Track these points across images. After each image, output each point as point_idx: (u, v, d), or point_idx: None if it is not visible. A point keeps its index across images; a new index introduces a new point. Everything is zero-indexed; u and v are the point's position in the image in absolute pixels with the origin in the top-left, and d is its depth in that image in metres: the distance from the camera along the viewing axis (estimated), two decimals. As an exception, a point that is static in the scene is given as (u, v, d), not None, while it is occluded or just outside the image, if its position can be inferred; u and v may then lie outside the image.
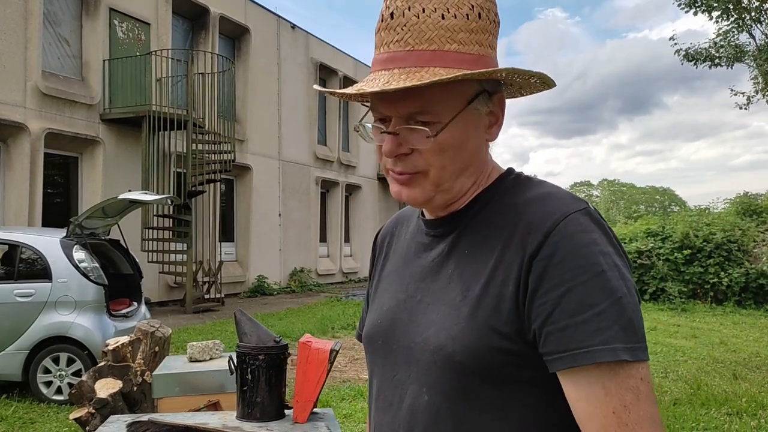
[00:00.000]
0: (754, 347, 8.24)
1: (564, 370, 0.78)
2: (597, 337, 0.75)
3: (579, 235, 0.80)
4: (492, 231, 0.88)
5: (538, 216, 0.83)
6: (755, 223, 14.29)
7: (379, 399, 0.96)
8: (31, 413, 5.46)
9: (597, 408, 0.76)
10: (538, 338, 0.80)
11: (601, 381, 0.76)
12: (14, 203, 10.18)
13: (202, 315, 11.47)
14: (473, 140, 0.89)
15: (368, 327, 1.01)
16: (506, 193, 0.91)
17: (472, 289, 0.85)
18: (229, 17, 15.14)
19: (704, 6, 9.82)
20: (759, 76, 11.17)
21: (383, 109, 0.88)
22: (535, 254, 0.81)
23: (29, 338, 5.89)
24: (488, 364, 0.82)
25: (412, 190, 0.89)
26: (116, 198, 6.75)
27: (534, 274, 0.80)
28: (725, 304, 12.48)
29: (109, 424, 1.68)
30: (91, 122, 11.58)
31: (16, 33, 10.34)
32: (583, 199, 0.86)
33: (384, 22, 0.87)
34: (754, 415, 5.08)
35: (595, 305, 0.77)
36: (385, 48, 0.87)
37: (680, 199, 51.72)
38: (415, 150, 0.87)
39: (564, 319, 0.77)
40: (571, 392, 0.79)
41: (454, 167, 0.88)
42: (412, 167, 0.88)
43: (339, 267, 19.84)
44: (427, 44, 0.84)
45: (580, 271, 0.78)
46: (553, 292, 0.78)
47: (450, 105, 0.85)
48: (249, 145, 15.63)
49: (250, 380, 1.68)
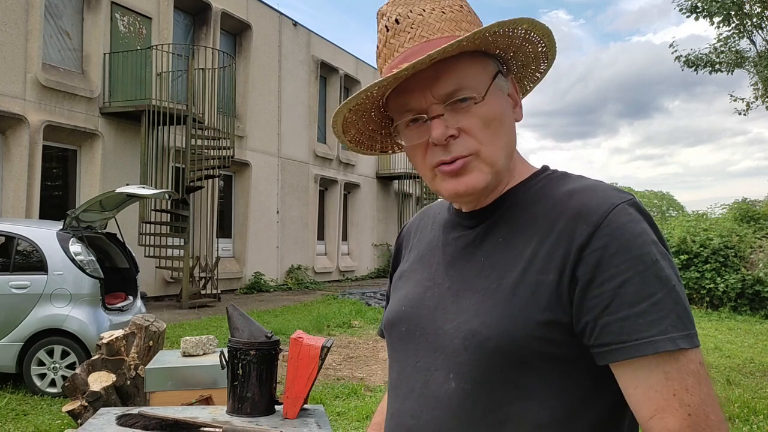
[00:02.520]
0: (748, 353, 8.25)
1: (622, 361, 0.79)
2: (656, 327, 0.77)
3: (630, 226, 0.81)
4: (529, 220, 0.88)
5: (585, 207, 0.83)
6: (752, 230, 14.30)
7: (400, 386, 0.94)
8: (25, 405, 5.46)
9: (658, 392, 0.77)
10: (590, 330, 0.80)
11: (661, 368, 0.77)
12: (12, 195, 10.17)
13: (197, 310, 11.47)
14: (508, 116, 0.91)
15: (390, 314, 1.00)
16: (545, 185, 0.91)
17: (507, 277, 0.85)
18: (231, 13, 15.13)
19: (705, 11, 9.83)
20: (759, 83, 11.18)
21: (418, 101, 0.87)
22: (585, 245, 0.81)
23: (24, 330, 5.89)
24: (522, 351, 0.82)
25: (470, 177, 0.88)
26: (114, 191, 6.74)
27: (586, 266, 0.80)
28: (721, 309, 12.49)
29: (99, 416, 1.68)
30: (90, 115, 11.57)
31: (17, 25, 10.32)
32: (627, 191, 0.86)
33: (390, 31, 0.89)
34: (747, 420, 5.09)
35: (652, 295, 0.78)
36: (401, 50, 0.89)
37: (679, 204, 51.82)
38: (462, 131, 0.86)
39: (623, 310, 0.78)
40: (628, 380, 0.79)
41: (501, 142, 0.89)
42: (464, 148, 0.87)
43: (336, 265, 19.83)
44: (440, 33, 0.88)
45: (635, 261, 0.79)
46: (610, 284, 0.79)
47: (480, 79, 0.87)
48: (248, 142, 15.63)
49: (240, 375, 1.68)
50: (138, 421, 1.60)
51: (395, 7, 0.90)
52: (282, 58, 17.32)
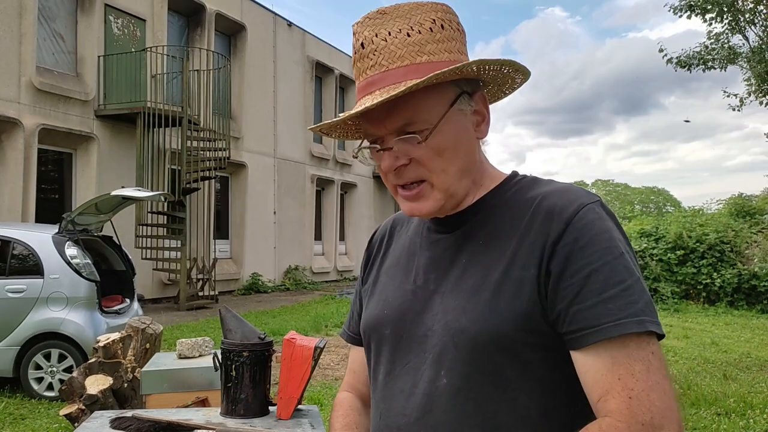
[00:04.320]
0: (745, 348, 8.28)
1: (589, 346, 0.81)
2: (627, 310, 0.81)
3: (598, 222, 0.87)
4: (507, 222, 0.92)
5: (557, 205, 0.88)
6: (748, 225, 14.34)
7: (387, 387, 0.97)
8: (22, 409, 5.45)
9: (604, 376, 0.80)
10: (563, 318, 0.84)
11: (609, 353, 0.80)
12: (7, 199, 10.15)
13: (195, 312, 11.46)
14: (465, 140, 0.94)
15: (371, 318, 1.03)
16: (519, 190, 0.96)
17: (492, 275, 0.89)
18: (225, 14, 15.11)
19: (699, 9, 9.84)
20: (752, 78, 11.21)
21: (374, 130, 0.93)
22: (557, 240, 0.85)
23: (20, 334, 5.88)
24: (510, 343, 0.86)
25: (424, 203, 0.93)
26: (109, 194, 6.74)
27: (557, 259, 0.85)
28: (717, 304, 12.53)
29: (93, 419, 1.68)
30: (85, 118, 11.55)
31: (10, 28, 10.30)
32: (595, 194, 0.93)
33: (357, 53, 0.93)
34: (743, 415, 5.11)
35: (622, 282, 0.82)
36: (363, 75, 0.93)
37: (675, 199, 51.89)
38: (413, 160, 0.91)
39: (592, 297, 0.82)
40: (581, 365, 0.83)
41: (454, 168, 0.92)
42: (415, 175, 0.92)
43: (334, 265, 19.84)
44: (400, 62, 0.90)
45: (604, 252, 0.84)
46: (579, 274, 0.83)
47: (434, 110, 0.90)
48: (244, 143, 15.62)
49: (234, 377, 1.69)
50: (131, 424, 1.60)
51: (363, 29, 0.93)
52: (277, 58, 17.31)
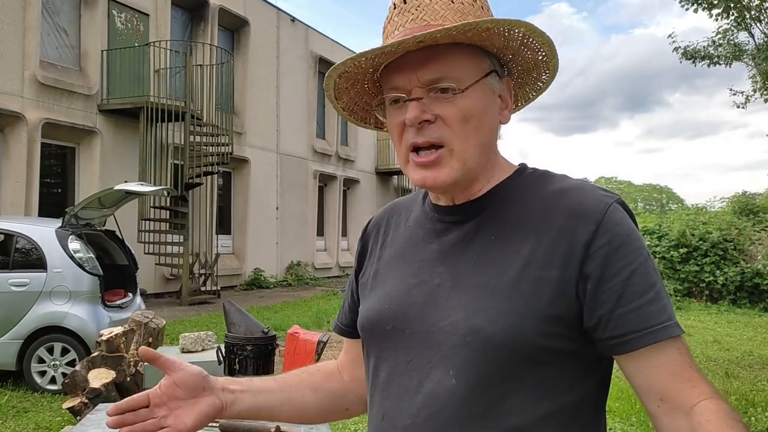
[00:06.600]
0: (747, 346, 8.26)
1: (639, 349, 0.82)
2: (665, 313, 0.83)
3: (625, 222, 0.86)
4: (521, 218, 0.89)
5: (581, 206, 0.86)
6: (752, 223, 14.31)
7: (391, 385, 0.92)
8: (25, 402, 5.47)
9: (680, 366, 0.83)
10: (605, 323, 0.83)
11: (675, 346, 0.83)
12: (11, 193, 10.17)
13: (197, 307, 11.48)
14: (490, 116, 0.90)
15: (371, 313, 0.98)
16: (531, 184, 0.92)
17: (506, 273, 0.85)
18: (229, 9, 15.09)
19: (705, 3, 9.79)
20: (757, 75, 11.15)
21: (402, 82, 0.88)
22: (589, 242, 0.83)
23: (24, 328, 5.90)
24: (527, 345, 0.83)
25: (440, 171, 0.88)
26: (112, 188, 6.75)
27: (595, 262, 0.83)
28: (720, 302, 12.51)
29: (97, 412, 1.68)
30: (88, 113, 11.55)
31: (14, 22, 10.30)
32: (612, 192, 0.90)
33: (397, 8, 0.90)
34: (745, 413, 5.11)
35: (654, 284, 0.83)
36: (401, 29, 0.89)
37: (678, 197, 51.82)
38: (439, 118, 0.87)
39: (635, 300, 0.82)
40: (645, 365, 0.83)
41: (476, 140, 0.88)
42: (437, 135, 0.87)
43: (336, 261, 19.84)
44: (442, 21, 0.87)
45: (636, 254, 0.84)
46: (619, 276, 0.82)
47: (468, 73, 0.88)
48: (247, 138, 15.61)
49: (237, 370, 1.69)
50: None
51: None
52: (280, 53, 17.28)
